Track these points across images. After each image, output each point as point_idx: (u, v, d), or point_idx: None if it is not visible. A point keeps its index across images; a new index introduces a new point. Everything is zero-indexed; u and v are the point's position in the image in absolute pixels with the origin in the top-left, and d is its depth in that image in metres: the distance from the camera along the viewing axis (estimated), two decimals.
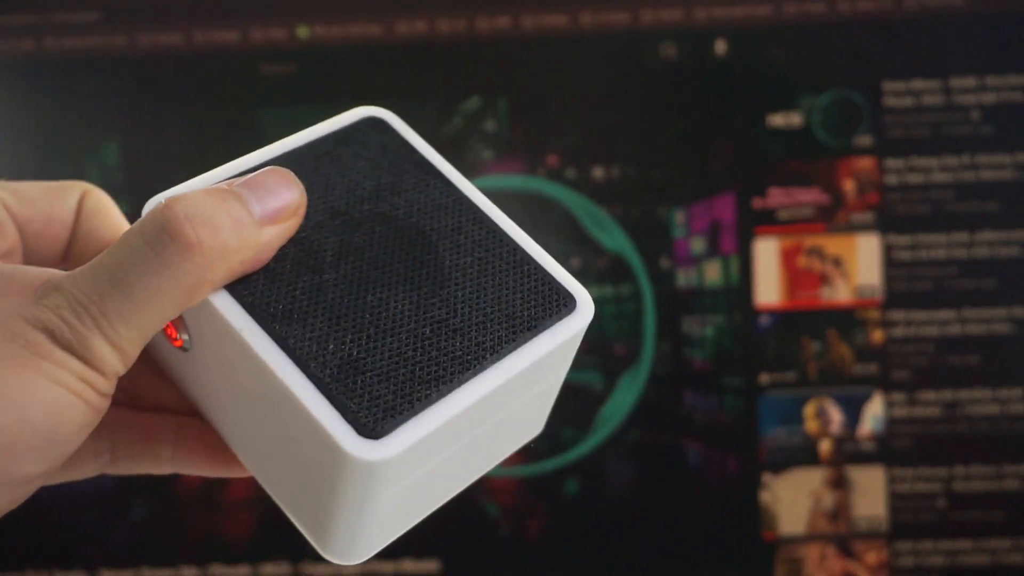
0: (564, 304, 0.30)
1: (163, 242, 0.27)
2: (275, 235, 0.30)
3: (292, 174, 0.30)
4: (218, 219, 0.28)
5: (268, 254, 0.30)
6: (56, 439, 0.27)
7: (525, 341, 0.29)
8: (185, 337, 0.31)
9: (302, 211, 0.31)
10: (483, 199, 0.33)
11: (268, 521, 0.74)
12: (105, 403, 0.29)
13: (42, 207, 0.34)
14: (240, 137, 0.72)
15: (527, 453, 0.73)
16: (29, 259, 0.35)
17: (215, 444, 0.36)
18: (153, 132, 0.72)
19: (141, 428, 0.36)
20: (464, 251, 0.31)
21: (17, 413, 0.26)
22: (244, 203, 0.29)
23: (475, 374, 0.28)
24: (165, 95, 0.72)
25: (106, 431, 0.35)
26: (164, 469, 0.37)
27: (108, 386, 0.28)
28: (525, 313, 0.30)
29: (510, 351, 0.29)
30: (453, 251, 0.31)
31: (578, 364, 0.75)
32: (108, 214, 0.36)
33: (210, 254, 0.28)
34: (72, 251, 0.36)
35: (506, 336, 0.29)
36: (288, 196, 0.30)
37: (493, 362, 0.29)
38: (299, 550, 0.73)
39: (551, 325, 0.30)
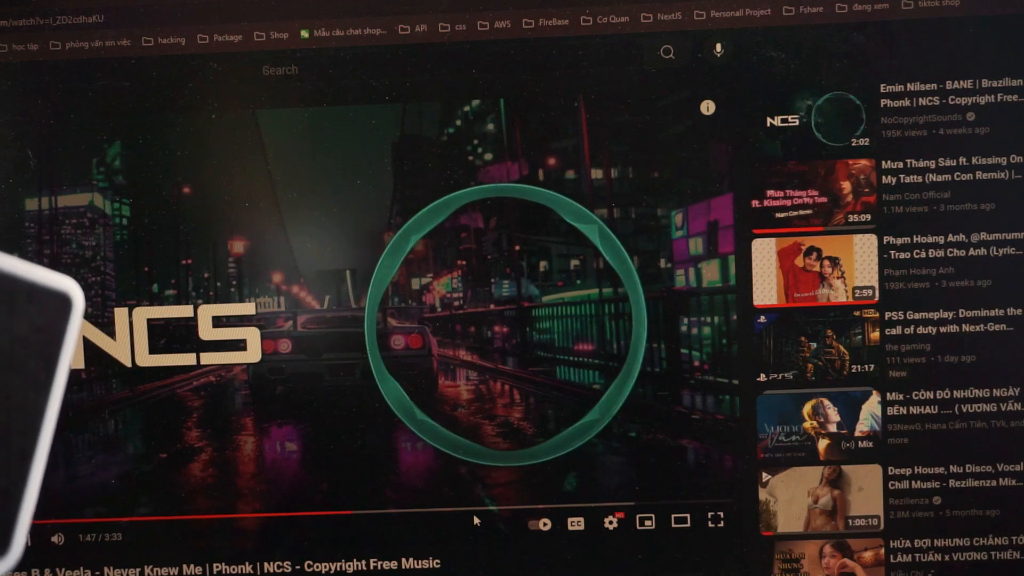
0: None
1: None
2: None
3: None
4: None
5: None
6: None
7: None
8: None
9: None
10: (51, 420, 0.33)
11: (271, 520, 0.74)
12: None
13: None
14: (242, 139, 0.73)
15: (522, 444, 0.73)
16: None
17: None
18: (156, 134, 0.73)
19: None
20: None
21: None
22: None
23: None
24: (168, 97, 0.72)
25: None
26: None
27: None
28: None
29: None
30: None
31: (577, 363, 0.75)
32: None
33: None
34: None
35: None
36: None
37: None
38: (301, 550, 0.74)
39: None
